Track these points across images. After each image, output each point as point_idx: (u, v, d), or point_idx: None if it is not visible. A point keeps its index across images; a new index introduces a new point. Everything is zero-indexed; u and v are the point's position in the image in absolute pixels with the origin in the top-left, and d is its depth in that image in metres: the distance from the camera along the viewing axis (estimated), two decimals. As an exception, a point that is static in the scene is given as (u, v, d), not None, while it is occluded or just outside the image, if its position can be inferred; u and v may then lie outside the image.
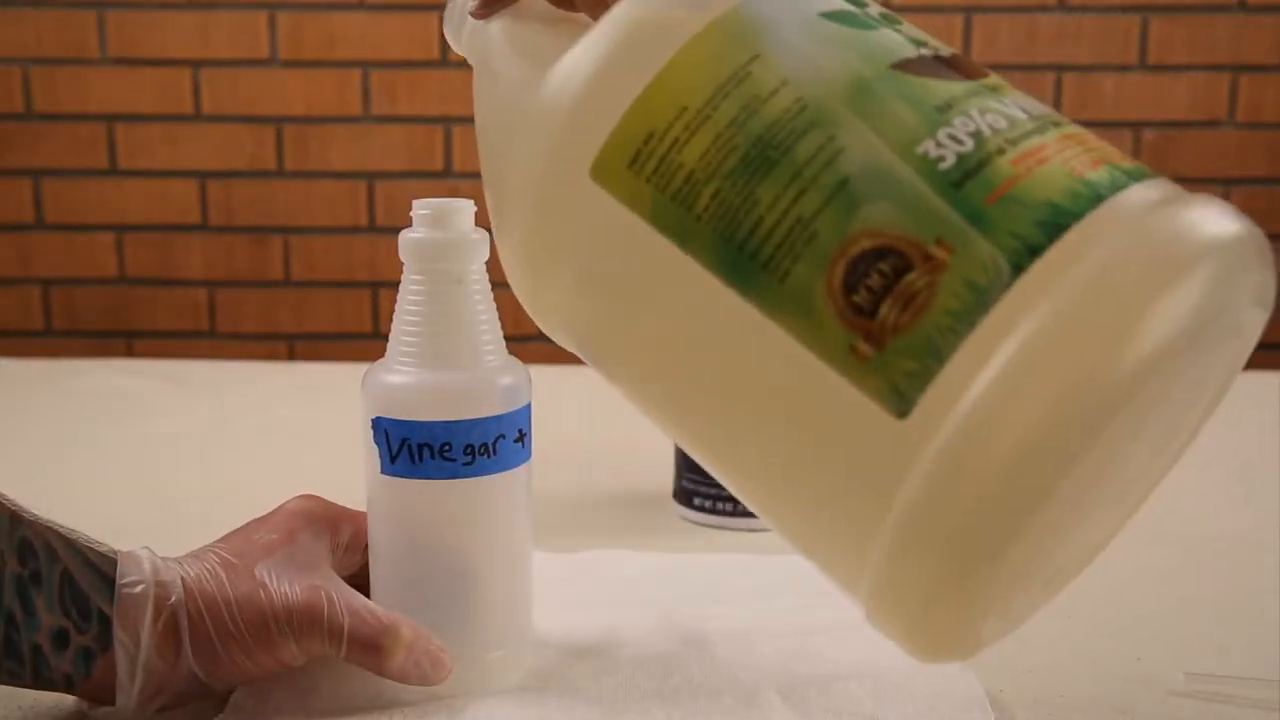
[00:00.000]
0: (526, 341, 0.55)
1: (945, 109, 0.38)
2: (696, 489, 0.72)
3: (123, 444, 0.90)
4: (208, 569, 0.46)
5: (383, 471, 0.48)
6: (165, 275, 1.91)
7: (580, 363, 0.48)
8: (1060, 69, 1.80)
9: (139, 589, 0.45)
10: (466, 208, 0.49)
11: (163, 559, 0.47)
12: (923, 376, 0.35)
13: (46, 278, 1.92)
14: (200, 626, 0.45)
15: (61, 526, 0.46)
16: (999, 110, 0.38)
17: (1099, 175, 0.37)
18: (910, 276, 0.35)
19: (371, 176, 1.88)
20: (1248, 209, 0.38)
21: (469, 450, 0.47)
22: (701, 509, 0.72)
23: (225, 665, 0.45)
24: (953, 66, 0.40)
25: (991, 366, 0.34)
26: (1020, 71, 1.78)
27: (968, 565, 0.35)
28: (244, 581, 0.46)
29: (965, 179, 0.36)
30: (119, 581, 0.45)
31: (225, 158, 1.88)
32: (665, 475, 0.76)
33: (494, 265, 0.49)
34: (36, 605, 0.44)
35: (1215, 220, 0.36)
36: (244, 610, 0.45)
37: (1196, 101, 1.80)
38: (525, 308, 0.46)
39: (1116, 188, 0.36)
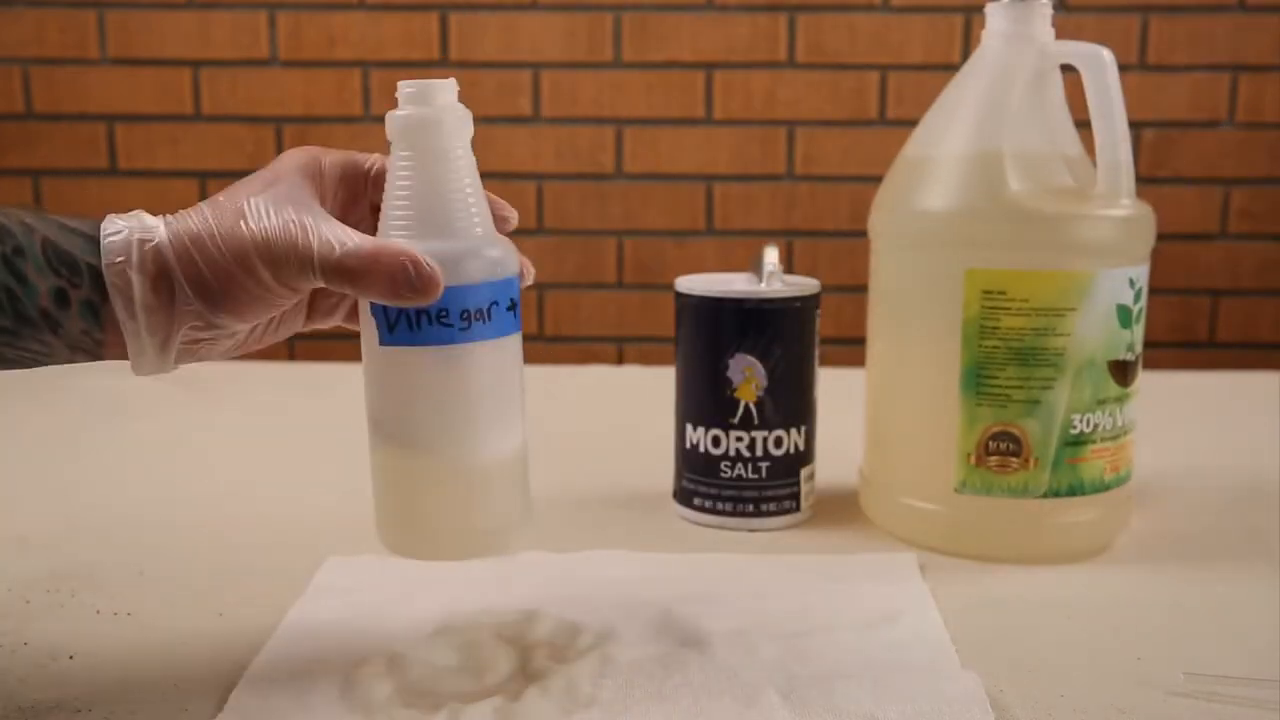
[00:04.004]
0: (528, 341, 0.55)
1: None
2: (696, 489, 0.72)
3: (122, 444, 0.90)
4: (193, 211, 0.48)
5: (381, 343, 0.49)
6: (165, 275, 1.91)
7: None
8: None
9: (120, 235, 0.47)
10: (449, 85, 0.50)
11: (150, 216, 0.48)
12: None
13: (46, 278, 1.91)
14: (189, 260, 0.46)
15: (33, 208, 0.48)
16: None
17: None
18: None
19: (371, 176, 1.88)
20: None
21: (465, 315, 0.48)
22: (701, 509, 0.72)
23: (220, 297, 0.47)
24: None
25: None
26: (1020, 71, 1.77)
27: None
28: (228, 216, 0.47)
29: None
30: (102, 233, 0.47)
31: (225, 158, 1.88)
32: (665, 475, 0.76)
33: (478, 144, 0.49)
34: (27, 273, 0.46)
35: None
36: (227, 241, 0.47)
37: (1196, 101, 1.80)
38: None
39: None
